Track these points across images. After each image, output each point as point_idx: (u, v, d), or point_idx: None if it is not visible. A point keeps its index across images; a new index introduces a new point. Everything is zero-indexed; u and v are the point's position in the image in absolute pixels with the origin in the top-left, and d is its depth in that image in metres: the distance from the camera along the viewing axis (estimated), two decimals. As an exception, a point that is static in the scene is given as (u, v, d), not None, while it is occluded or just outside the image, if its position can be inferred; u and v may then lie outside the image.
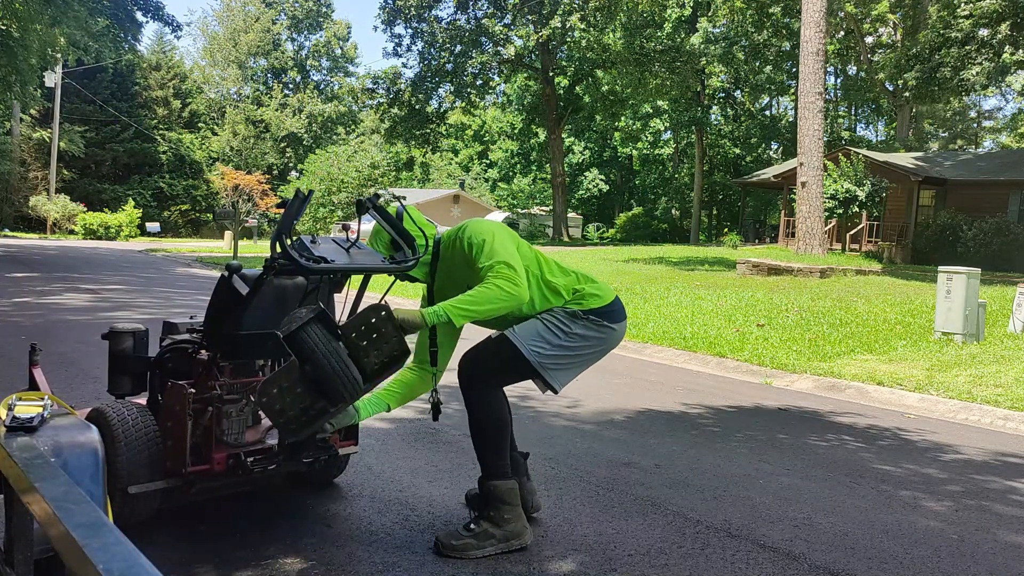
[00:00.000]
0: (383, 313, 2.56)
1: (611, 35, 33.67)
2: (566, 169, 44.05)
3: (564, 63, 38.36)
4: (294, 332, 2.40)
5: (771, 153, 41.62)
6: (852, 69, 41.29)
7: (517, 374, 2.96)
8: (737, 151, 41.45)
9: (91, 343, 6.45)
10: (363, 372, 2.53)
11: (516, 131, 46.24)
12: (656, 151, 47.98)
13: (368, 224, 3.07)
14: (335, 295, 3.02)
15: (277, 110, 50.32)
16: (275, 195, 31.68)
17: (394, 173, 37.18)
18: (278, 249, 2.50)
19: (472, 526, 2.84)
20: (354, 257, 2.75)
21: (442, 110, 37.51)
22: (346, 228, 2.88)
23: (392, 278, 3.00)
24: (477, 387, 2.95)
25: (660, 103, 40.95)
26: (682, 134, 42.92)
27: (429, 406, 2.93)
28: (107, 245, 29.22)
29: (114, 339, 3.14)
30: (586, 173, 50.54)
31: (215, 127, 49.07)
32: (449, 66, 35.09)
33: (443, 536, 2.82)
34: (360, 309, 3.09)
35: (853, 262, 19.57)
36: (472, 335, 3.24)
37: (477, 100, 38.84)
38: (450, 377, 6.09)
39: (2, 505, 1.82)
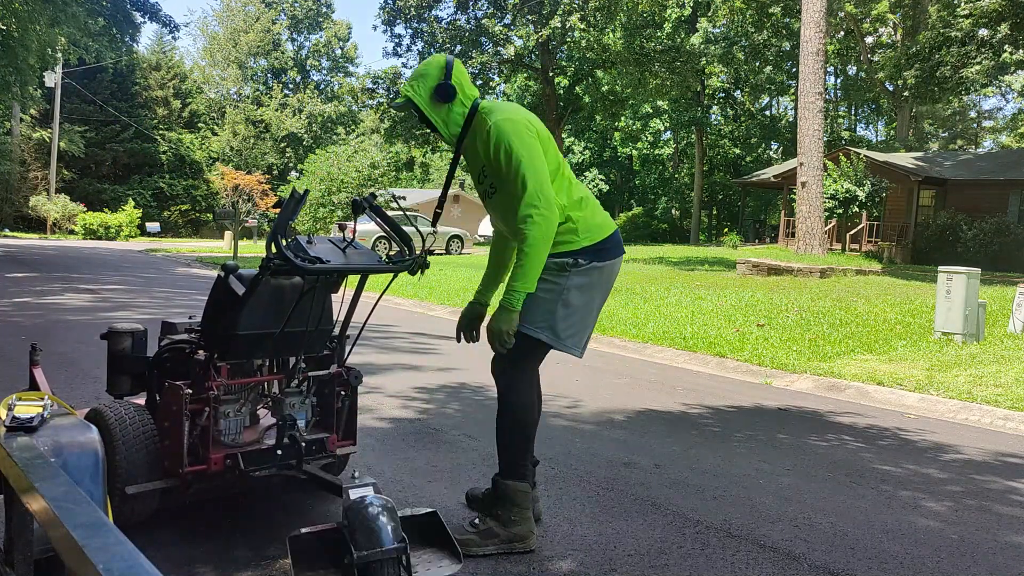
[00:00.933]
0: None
1: (611, 35, 33.66)
2: (566, 169, 43.94)
3: (564, 63, 38.35)
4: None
5: (771, 153, 41.64)
6: (852, 69, 41.31)
7: (540, 353, 2.93)
8: (737, 151, 41.47)
9: (91, 343, 6.45)
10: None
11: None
12: (656, 151, 47.98)
13: (365, 224, 3.08)
14: (332, 295, 3.01)
15: (277, 110, 50.33)
16: (275, 195, 31.68)
17: (394, 173, 37.16)
18: (274, 249, 2.50)
19: (477, 522, 2.82)
20: (350, 257, 2.75)
21: (442, 110, 37.43)
22: (342, 228, 2.88)
23: (389, 277, 2.99)
24: (508, 375, 2.88)
25: (660, 103, 40.95)
26: (682, 134, 42.93)
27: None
28: (107, 245, 29.22)
29: (112, 339, 3.14)
30: (586, 173, 50.53)
31: (215, 127, 49.09)
32: (449, 66, 35.02)
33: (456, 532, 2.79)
34: (359, 310, 3.10)
35: (853, 262, 19.57)
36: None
37: (477, 100, 38.77)
38: (453, 376, 6.10)
39: (2, 505, 1.82)
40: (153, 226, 36.13)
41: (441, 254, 26.33)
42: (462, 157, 2.98)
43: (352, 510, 2.28)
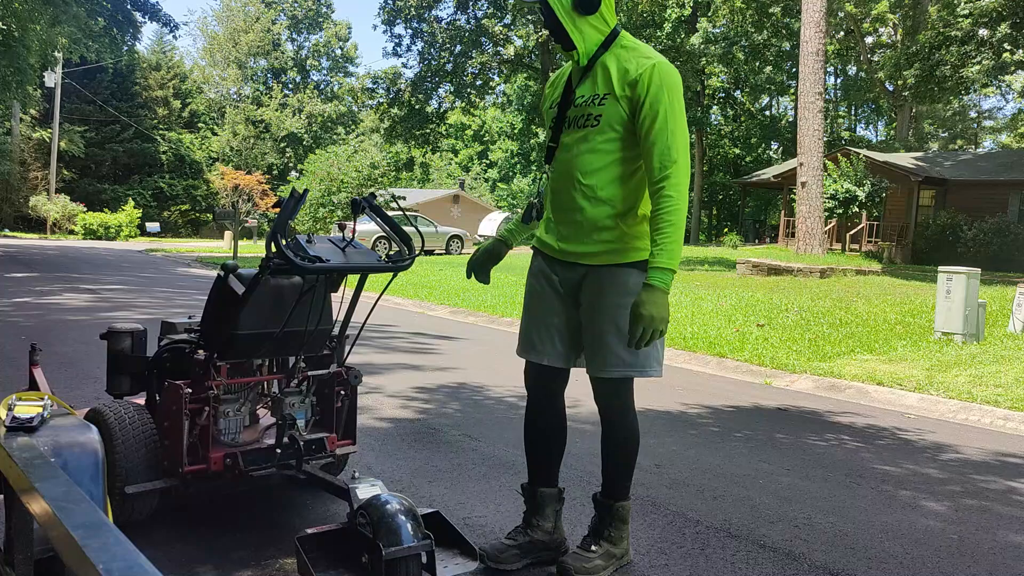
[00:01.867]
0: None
1: (611, 35, 33.60)
2: (566, 169, 43.97)
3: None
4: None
5: (771, 153, 41.65)
6: (852, 69, 41.30)
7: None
8: (737, 151, 41.47)
9: (91, 343, 6.44)
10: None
11: (516, 131, 46.28)
12: (656, 151, 47.87)
13: (365, 224, 3.07)
14: (331, 295, 3.02)
15: (277, 110, 50.31)
16: (275, 195, 31.69)
17: (394, 173, 37.14)
18: (273, 249, 2.50)
19: (594, 548, 2.66)
20: (350, 257, 2.75)
21: (442, 110, 37.51)
22: (342, 228, 2.88)
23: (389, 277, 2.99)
24: (624, 396, 2.70)
25: (660, 103, 40.85)
26: (682, 134, 42.83)
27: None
28: (107, 245, 29.22)
29: (112, 339, 3.14)
30: (586, 173, 50.46)
31: (215, 127, 49.07)
32: (449, 66, 35.09)
33: (571, 560, 2.62)
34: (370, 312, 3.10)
35: (853, 262, 19.57)
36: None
37: (477, 100, 38.84)
38: (453, 376, 6.10)
39: (2, 505, 1.82)
40: (153, 226, 36.13)
41: (441, 254, 26.32)
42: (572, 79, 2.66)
43: (372, 508, 2.26)
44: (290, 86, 53.78)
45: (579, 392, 5.81)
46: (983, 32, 19.28)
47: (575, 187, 2.53)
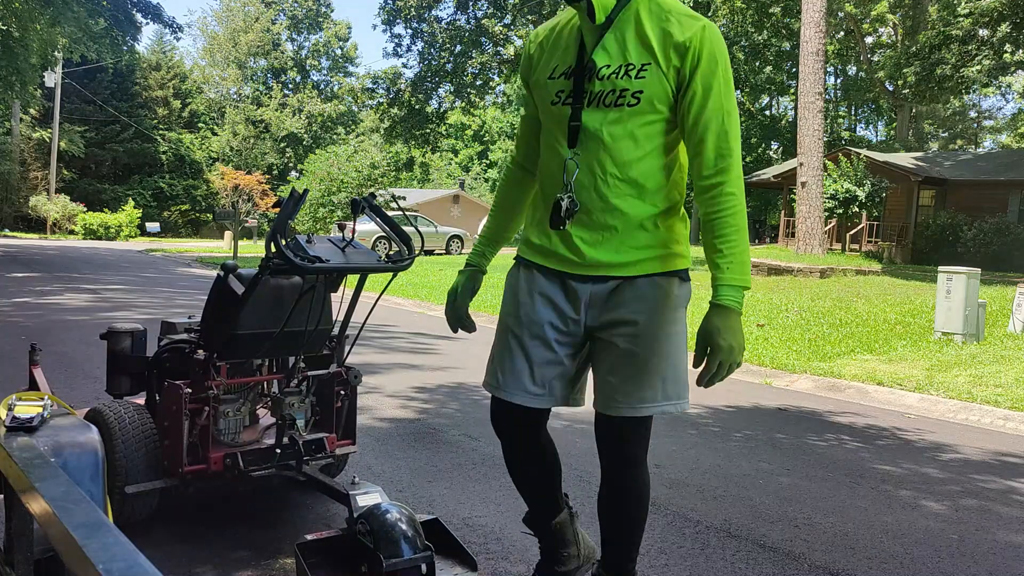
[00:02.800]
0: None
1: (611, 35, 33.62)
2: (566, 169, 43.94)
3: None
4: None
5: (771, 153, 41.65)
6: (852, 69, 41.31)
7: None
8: (737, 151, 41.41)
9: (91, 343, 6.44)
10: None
11: (516, 131, 46.21)
12: (656, 151, 47.91)
13: (365, 224, 3.05)
14: (331, 295, 3.02)
15: (277, 110, 50.30)
16: (275, 195, 31.68)
17: (394, 173, 37.13)
18: (273, 249, 2.50)
19: None
20: (350, 256, 2.75)
21: (442, 110, 37.50)
22: (342, 228, 2.87)
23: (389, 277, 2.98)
24: (643, 446, 2.21)
25: (660, 103, 40.88)
26: (682, 134, 42.86)
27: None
28: (107, 245, 29.22)
29: (112, 339, 3.14)
30: (586, 173, 50.49)
31: (215, 127, 49.06)
32: (449, 66, 35.08)
33: None
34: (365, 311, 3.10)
35: (853, 262, 19.58)
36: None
37: (477, 100, 38.82)
38: (452, 376, 6.09)
39: (2, 505, 1.82)
40: (153, 226, 36.12)
41: (441, 254, 26.33)
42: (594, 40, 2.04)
43: (373, 517, 2.23)
44: (290, 86, 53.77)
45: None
46: (983, 32, 19.29)
47: (607, 182, 2.00)
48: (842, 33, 33.62)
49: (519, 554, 2.85)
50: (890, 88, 32.38)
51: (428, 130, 37.11)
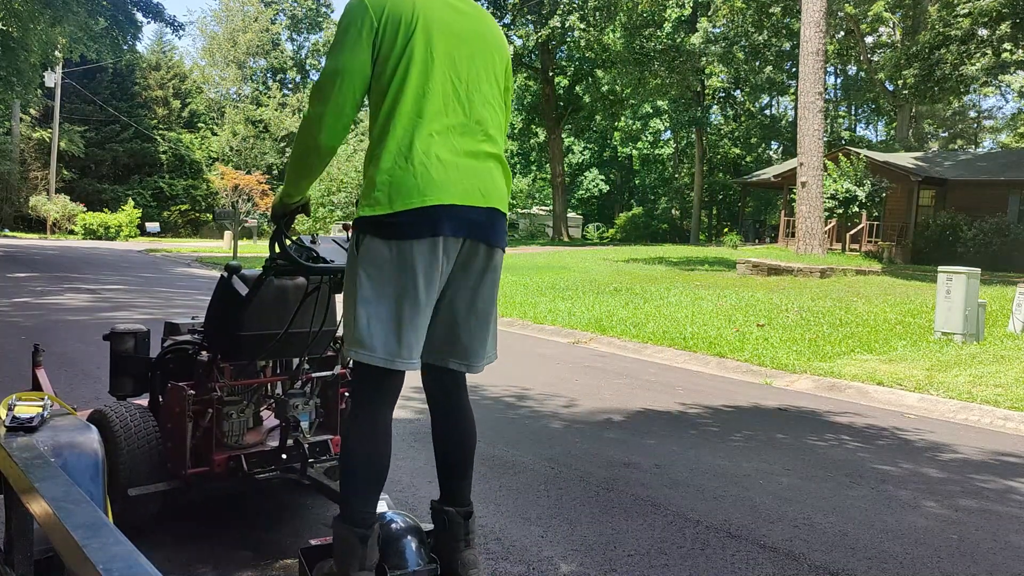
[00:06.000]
0: None
1: (611, 35, 33.66)
2: (566, 169, 44.02)
3: (564, 63, 38.33)
4: None
5: (771, 153, 41.64)
6: (852, 69, 41.30)
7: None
8: (737, 151, 41.46)
9: (91, 343, 6.44)
10: None
11: (516, 131, 46.22)
12: (656, 151, 47.98)
13: None
14: (336, 296, 3.01)
15: (276, 110, 50.28)
16: (275, 195, 31.65)
17: (394, 173, 37.06)
18: (277, 249, 2.49)
19: None
20: None
21: (442, 110, 37.42)
22: (347, 228, 2.86)
23: None
24: (355, 404, 2.25)
25: (660, 103, 40.94)
26: (682, 134, 42.93)
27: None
28: (107, 245, 29.22)
29: (115, 340, 3.13)
30: (586, 173, 50.51)
31: (215, 127, 49.05)
32: (449, 66, 35.01)
33: None
34: None
35: (853, 262, 19.58)
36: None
37: (477, 100, 38.74)
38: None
39: (2, 505, 1.82)
40: (153, 226, 36.11)
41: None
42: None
43: (378, 528, 2.19)
44: (290, 86, 53.75)
45: (579, 392, 5.82)
46: (983, 32, 19.29)
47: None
48: (842, 33, 33.60)
49: (519, 554, 2.85)
50: (890, 88, 32.37)
51: (428, 130, 37.01)
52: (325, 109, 2.05)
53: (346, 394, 3.05)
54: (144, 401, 3.11)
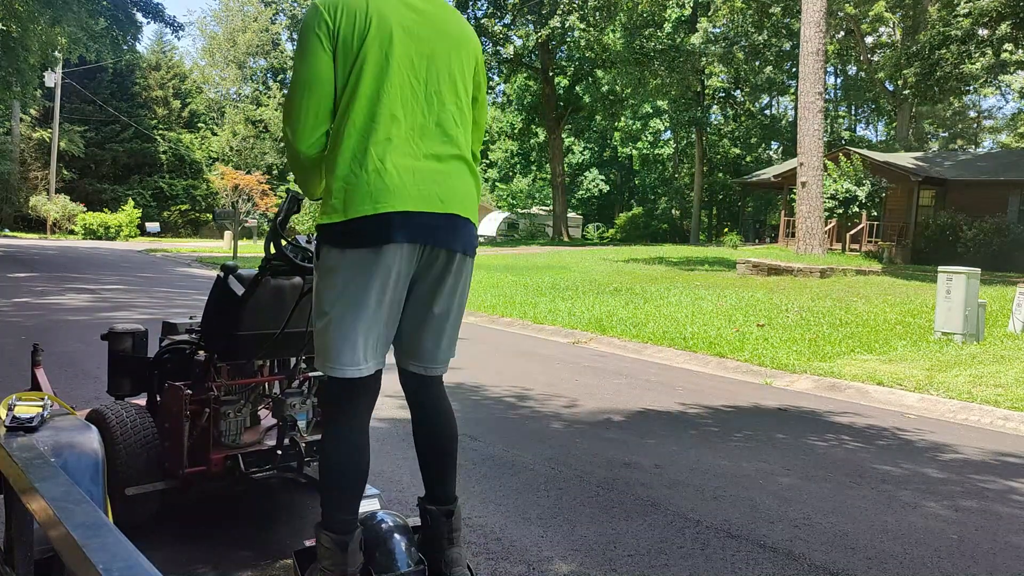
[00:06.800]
0: None
1: (611, 35, 33.66)
2: (566, 169, 44.02)
3: (564, 63, 38.33)
4: None
5: (771, 153, 41.64)
6: (852, 69, 41.31)
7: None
8: (737, 151, 41.46)
9: (91, 343, 6.44)
10: None
11: (516, 131, 46.20)
12: (656, 151, 47.98)
13: None
14: None
15: (276, 110, 50.26)
16: (274, 195, 31.67)
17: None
18: (273, 249, 2.49)
19: None
20: None
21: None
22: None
23: None
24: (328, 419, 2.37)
25: (660, 103, 40.94)
26: (682, 134, 42.92)
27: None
28: (107, 245, 29.22)
29: (113, 340, 3.13)
30: (586, 173, 50.51)
31: (215, 127, 49.05)
32: (449, 66, 35.01)
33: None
34: None
35: (853, 262, 19.57)
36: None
37: (477, 100, 38.76)
38: (450, 376, 6.08)
39: (2, 505, 1.82)
40: (153, 226, 36.12)
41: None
42: None
43: (367, 528, 2.22)
44: (290, 86, 53.75)
45: (579, 392, 5.81)
46: (983, 32, 19.29)
47: None
48: (842, 33, 33.62)
49: (519, 554, 2.85)
50: (890, 88, 32.37)
51: (428, 130, 37.01)
52: (295, 121, 2.06)
53: None
54: (142, 401, 3.11)
